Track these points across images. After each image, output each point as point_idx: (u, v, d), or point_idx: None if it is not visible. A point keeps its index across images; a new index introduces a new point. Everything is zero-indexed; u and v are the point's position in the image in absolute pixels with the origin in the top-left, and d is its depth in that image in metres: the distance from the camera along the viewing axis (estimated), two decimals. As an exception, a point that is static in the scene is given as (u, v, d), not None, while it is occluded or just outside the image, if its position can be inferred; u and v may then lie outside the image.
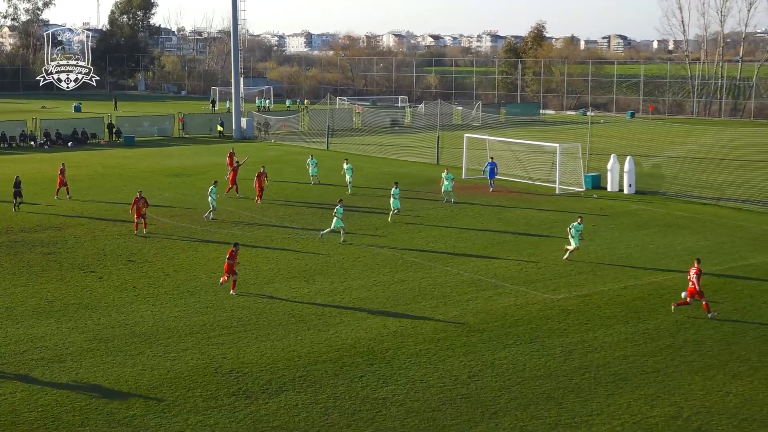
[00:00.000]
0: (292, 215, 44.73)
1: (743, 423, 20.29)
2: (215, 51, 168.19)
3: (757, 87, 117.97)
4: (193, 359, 24.13)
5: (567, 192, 52.57)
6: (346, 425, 20.04)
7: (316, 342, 25.57)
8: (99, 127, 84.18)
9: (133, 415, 20.48)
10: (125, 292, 30.67)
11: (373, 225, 42.22)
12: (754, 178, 58.11)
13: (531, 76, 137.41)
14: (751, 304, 29.55)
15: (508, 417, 20.53)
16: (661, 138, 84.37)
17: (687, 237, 40.02)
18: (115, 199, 48.94)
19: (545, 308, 28.98)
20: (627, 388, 22.34)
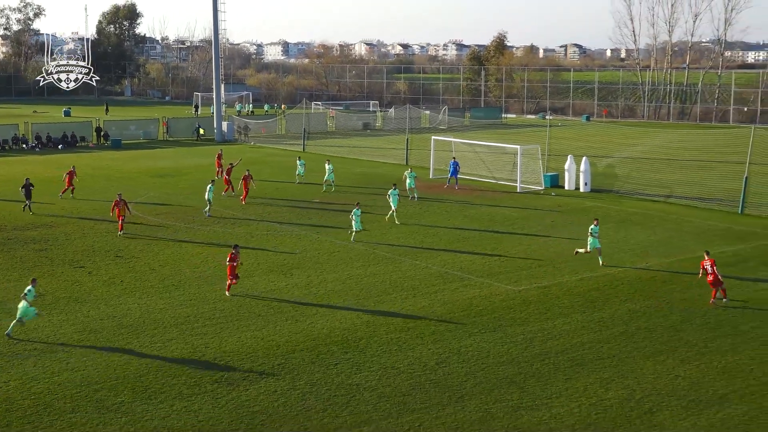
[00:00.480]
0: (270, 213, 44.61)
1: (691, 404, 20.48)
2: (197, 59, 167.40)
3: (702, 92, 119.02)
4: (178, 348, 24.03)
5: (527, 190, 52.79)
6: (322, 409, 20.03)
7: (293, 332, 25.54)
8: (87, 131, 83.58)
9: (121, 402, 20.37)
10: (113, 286, 30.49)
11: (347, 222, 42.14)
12: (700, 177, 58.61)
13: (493, 82, 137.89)
14: (698, 294, 29.78)
15: (473, 400, 20.60)
16: (614, 140, 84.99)
17: (639, 232, 40.31)
18: (104, 199, 48.50)
19: (508, 299, 29.09)
20: (583, 372, 22.48)
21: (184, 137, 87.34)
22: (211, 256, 34.73)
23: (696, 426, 19.33)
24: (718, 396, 20.99)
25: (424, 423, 19.38)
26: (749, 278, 31.87)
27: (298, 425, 19.24)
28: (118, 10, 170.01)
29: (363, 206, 39.74)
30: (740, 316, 27.33)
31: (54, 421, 19.37)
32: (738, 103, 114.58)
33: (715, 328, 26.14)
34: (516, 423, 19.41)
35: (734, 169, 58.80)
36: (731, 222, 42.82)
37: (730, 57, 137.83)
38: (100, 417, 19.58)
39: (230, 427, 19.12)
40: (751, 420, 19.65)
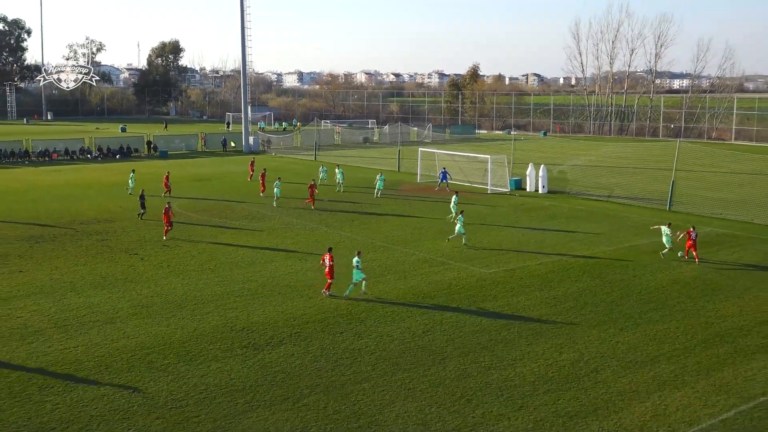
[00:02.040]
0: (289, 211, 44.50)
1: (628, 365, 20.49)
2: (229, 85, 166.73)
3: (637, 113, 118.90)
4: (214, 320, 23.99)
5: (496, 192, 52.75)
6: (330, 369, 20.01)
7: (307, 306, 25.50)
8: (140, 144, 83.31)
9: (168, 363, 20.34)
10: (161, 270, 30.41)
11: (350, 218, 42.11)
12: (635, 181, 58.62)
13: (469, 104, 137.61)
14: (634, 275, 29.81)
15: (453, 362, 20.59)
16: (566, 151, 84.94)
17: (585, 225, 40.30)
18: (154, 199, 48.43)
19: (480, 280, 29.07)
20: (542, 339, 22.48)
21: (218, 149, 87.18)
22: (240, 246, 34.64)
23: (632, 382, 19.33)
24: (651, 358, 21.00)
25: (413, 380, 19.36)
26: (674, 263, 31.87)
27: (311, 382, 19.21)
28: (164, 46, 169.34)
29: (362, 204, 39.59)
30: (668, 293, 27.34)
31: (113, 378, 19.34)
32: (666, 121, 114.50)
33: (648, 302, 26.14)
34: (487, 380, 19.40)
35: (663, 175, 58.90)
36: (661, 217, 42.79)
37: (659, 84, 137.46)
38: (150, 375, 19.55)
39: (256, 384, 19.08)
40: (676, 377, 19.67)
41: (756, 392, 18.73)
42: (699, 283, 28.60)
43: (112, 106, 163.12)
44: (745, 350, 21.62)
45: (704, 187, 55.17)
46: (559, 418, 17.32)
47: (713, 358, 21.01)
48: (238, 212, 43.56)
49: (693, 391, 18.81)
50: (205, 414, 17.43)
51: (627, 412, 17.63)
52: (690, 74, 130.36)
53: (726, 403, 18.13)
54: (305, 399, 18.23)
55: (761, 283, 28.73)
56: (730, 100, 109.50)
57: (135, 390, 18.66)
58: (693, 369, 20.19)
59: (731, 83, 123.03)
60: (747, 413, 17.61)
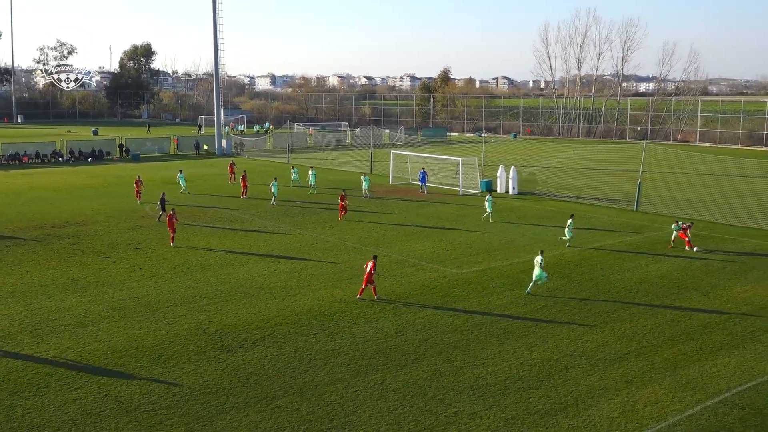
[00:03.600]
0: (262, 212, 44.27)
1: (597, 362, 20.66)
2: (201, 88, 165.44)
3: (605, 115, 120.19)
4: (187, 323, 23.77)
5: (467, 193, 52.94)
6: (304, 370, 19.92)
7: (280, 308, 25.37)
8: (112, 147, 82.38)
9: (140, 366, 20.12)
10: (133, 273, 30.09)
11: (323, 219, 42.01)
12: (603, 183, 59.21)
13: (440, 107, 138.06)
14: (602, 274, 30.08)
15: (425, 362, 20.60)
16: (535, 153, 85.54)
17: (555, 225, 40.55)
18: (125, 201, 47.99)
19: (452, 280, 29.14)
20: (513, 338, 22.58)
21: (191, 152, 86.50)
22: (213, 248, 34.39)
23: (602, 379, 19.49)
24: (619, 355, 21.19)
25: (386, 380, 19.34)
26: (641, 262, 32.22)
27: (285, 383, 19.11)
28: (136, 49, 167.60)
29: (335, 206, 39.43)
30: (635, 292, 27.63)
31: (85, 382, 19.08)
32: (633, 123, 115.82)
33: (616, 302, 26.39)
34: (460, 379, 19.44)
35: (630, 176, 59.53)
36: (628, 218, 43.27)
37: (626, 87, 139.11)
38: (123, 378, 19.31)
39: (229, 386, 18.94)
40: (644, 374, 19.88)
41: (721, 388, 18.99)
42: (665, 282, 28.94)
43: (84, 109, 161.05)
44: (710, 347, 21.91)
45: (670, 187, 55.87)
46: (530, 416, 17.40)
47: (679, 355, 21.26)
48: (211, 215, 43.23)
49: (660, 387, 19.01)
50: (178, 417, 17.26)
51: (596, 409, 17.77)
52: (656, 78, 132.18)
53: (692, 399, 18.35)
54: (279, 400, 18.13)
55: (725, 281, 29.15)
56: (694, 103, 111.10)
57: (107, 394, 18.42)
58: (660, 366, 20.41)
59: (696, 86, 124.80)
60: (712, 408, 17.84)
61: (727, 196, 52.13)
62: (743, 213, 44.77)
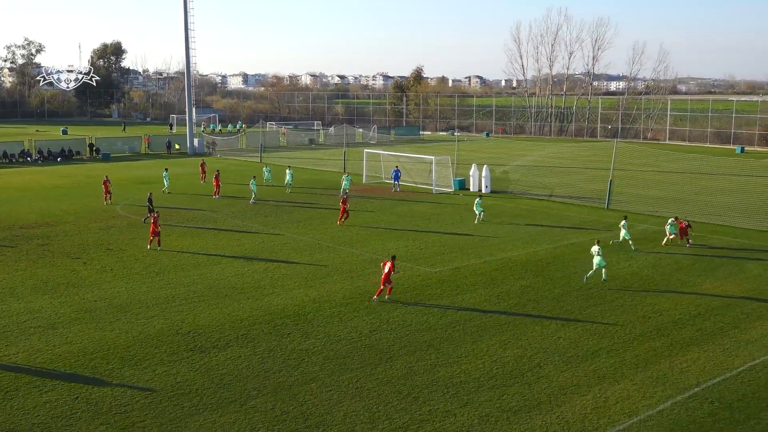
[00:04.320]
0: (235, 212, 44.03)
1: (571, 359, 20.83)
2: (173, 87, 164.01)
3: (576, 114, 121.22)
4: (159, 324, 23.57)
5: (441, 192, 53.09)
6: (278, 370, 19.85)
7: (254, 308, 25.26)
8: (82, 146, 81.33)
9: (112, 368, 19.91)
10: (105, 273, 29.76)
11: (296, 219, 41.87)
12: (575, 181, 59.70)
13: (413, 106, 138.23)
14: (574, 271, 30.33)
15: (399, 360, 20.63)
16: (508, 151, 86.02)
17: (528, 224, 40.83)
18: (96, 201, 47.45)
19: (426, 278, 29.20)
20: (486, 336, 22.69)
21: (162, 151, 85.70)
22: (185, 248, 34.13)
23: (574, 376, 19.66)
24: (591, 352, 21.39)
25: (361, 379, 19.34)
26: (613, 260, 32.52)
27: (259, 383, 19.03)
28: (106, 47, 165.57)
29: (309, 205, 39.23)
30: (607, 289, 27.90)
31: (56, 385, 18.84)
32: (603, 122, 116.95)
33: (588, 298, 26.63)
34: (434, 377, 19.49)
35: (601, 174, 60.09)
36: (599, 215, 43.69)
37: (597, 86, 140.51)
38: (94, 380, 19.09)
39: (203, 387, 18.81)
40: (616, 370, 20.08)
41: (690, 383, 19.25)
42: (636, 279, 29.26)
43: (53, 109, 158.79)
44: (680, 343, 22.20)
45: (640, 185, 56.49)
46: (503, 413, 17.51)
47: (650, 351, 21.51)
48: (183, 215, 42.89)
49: (632, 383, 19.23)
50: (150, 419, 17.10)
51: (569, 405, 17.92)
52: (626, 77, 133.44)
53: (663, 394, 18.58)
54: (253, 401, 18.05)
55: (695, 277, 29.54)
56: (664, 102, 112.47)
57: (78, 396, 18.20)
58: (631, 362, 20.64)
59: (665, 85, 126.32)
60: (683, 403, 18.08)
61: (697, 193, 52.85)
62: (712, 210, 45.42)
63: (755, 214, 43.83)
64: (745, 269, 30.97)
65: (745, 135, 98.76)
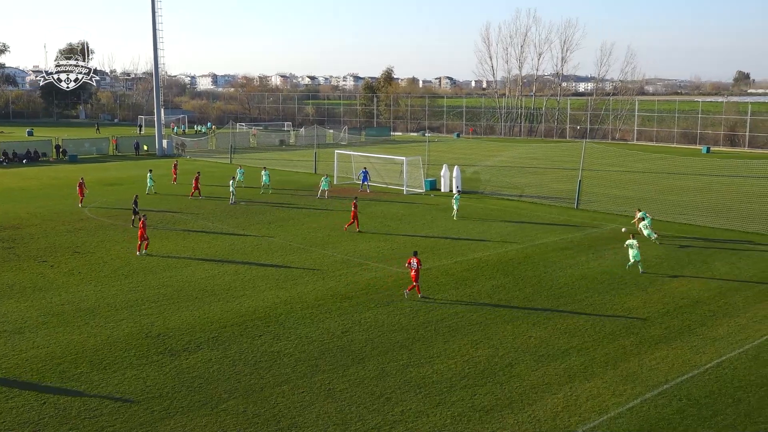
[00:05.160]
0: (206, 214, 43.68)
1: (541, 358, 20.98)
2: (141, 88, 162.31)
3: (546, 115, 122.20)
4: (128, 327, 23.31)
5: (412, 192, 53.18)
6: (249, 373, 19.74)
7: (225, 310, 25.09)
8: (48, 148, 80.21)
9: (80, 373, 19.64)
10: (72, 277, 29.37)
11: (267, 220, 41.68)
12: (545, 181, 60.16)
13: (383, 107, 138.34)
14: (545, 271, 30.56)
15: (371, 361, 20.62)
16: (479, 152, 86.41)
17: (498, 224, 41.06)
18: (63, 204, 46.80)
19: (398, 279, 29.22)
20: (458, 336, 22.77)
21: (130, 153, 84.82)
22: (154, 251, 33.80)
23: (545, 375, 19.79)
24: (562, 351, 21.56)
25: (333, 381, 19.30)
26: (582, 259, 32.84)
27: (230, 386, 18.90)
28: (72, 47, 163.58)
29: (281, 206, 39.06)
30: (577, 288, 28.15)
31: (23, 390, 18.53)
32: (572, 122, 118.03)
33: (558, 297, 26.85)
34: (406, 378, 19.52)
35: (570, 174, 60.62)
36: (569, 215, 44.07)
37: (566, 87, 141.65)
38: (62, 385, 18.83)
39: (173, 390, 18.64)
40: (586, 368, 20.26)
41: (659, 380, 19.49)
42: (606, 278, 29.56)
43: (18, 109, 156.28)
44: (649, 341, 22.47)
45: (608, 185, 57.09)
46: (476, 412, 17.58)
47: (620, 349, 21.75)
48: (153, 217, 42.41)
49: (602, 381, 19.42)
50: (120, 423, 16.90)
51: (540, 404, 18.05)
52: (594, 78, 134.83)
53: (633, 392, 18.79)
54: (224, 404, 17.92)
55: (663, 276, 29.92)
56: (631, 103, 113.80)
57: (46, 401, 17.93)
58: (601, 360, 20.84)
59: (633, 86, 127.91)
60: (652, 401, 18.30)
61: (664, 192, 53.55)
62: (680, 209, 46.05)
63: (721, 213, 44.53)
64: (712, 267, 31.45)
65: (711, 135, 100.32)
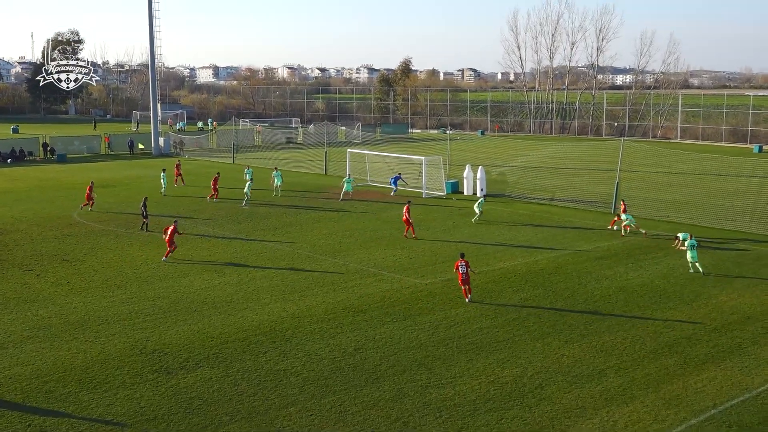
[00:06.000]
0: (205, 219, 43.84)
1: (575, 379, 20.86)
2: (136, 81, 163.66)
3: (579, 110, 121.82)
4: (121, 342, 23.42)
5: (431, 195, 53.14)
6: (253, 393, 19.76)
7: (226, 324, 25.15)
8: (35, 146, 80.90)
9: (69, 392, 19.74)
10: (60, 287, 29.55)
11: (273, 225, 41.79)
12: (578, 183, 59.96)
13: (400, 101, 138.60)
14: (579, 283, 30.41)
15: (387, 381, 20.58)
16: (505, 151, 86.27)
17: (527, 230, 40.94)
18: (51, 207, 47.15)
19: (416, 291, 29.19)
20: (482, 354, 22.69)
21: (124, 152, 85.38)
22: (149, 259, 33.98)
23: (579, 397, 19.68)
24: (598, 371, 21.43)
25: (345, 403, 19.28)
26: (620, 269, 32.64)
27: (232, 408, 18.93)
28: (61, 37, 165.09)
29: (288, 210, 39.09)
30: (614, 302, 27.98)
31: (5, 411, 18.65)
32: (609, 119, 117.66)
33: (594, 313, 26.70)
34: (425, 400, 19.46)
35: (607, 175, 60.34)
36: (605, 221, 43.82)
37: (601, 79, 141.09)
38: (49, 406, 18.93)
39: (170, 412, 18.69)
40: (624, 391, 20.11)
41: (707, 405, 19.31)
42: (646, 291, 29.37)
43: (2, 105, 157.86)
44: (695, 360, 22.28)
45: (649, 188, 56.79)
46: (502, 439, 17.49)
47: (662, 369, 21.58)
48: (148, 221, 42.60)
49: (642, 405, 19.27)
50: (111, 448, 16.96)
51: (574, 430, 17.93)
52: (633, 69, 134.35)
53: (676, 417, 18.63)
54: (225, 427, 17.95)
55: (711, 289, 29.69)
56: (674, 97, 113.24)
57: (31, 423, 18.03)
58: (642, 382, 20.69)
59: (676, 79, 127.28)
60: (697, 427, 18.13)
61: (711, 196, 53.17)
62: (728, 215, 45.69)
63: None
64: (765, 280, 31.16)
65: (763, 133, 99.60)
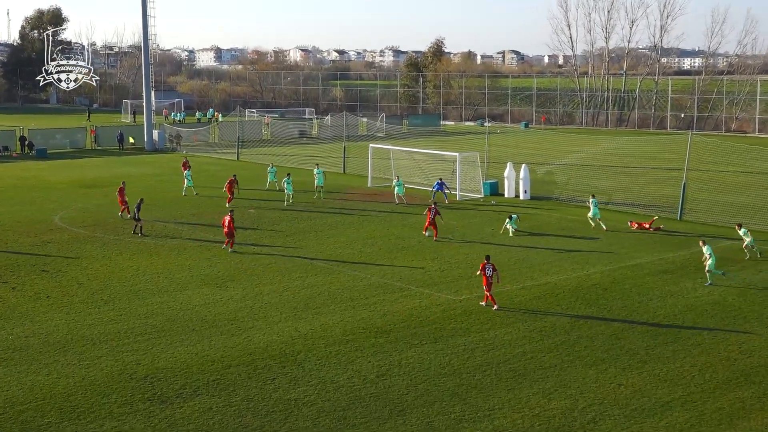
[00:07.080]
0: (210, 222, 44.08)
1: (634, 413, 20.70)
2: (126, 65, 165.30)
3: (640, 99, 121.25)
4: (108, 366, 23.56)
5: (467, 198, 53.06)
6: (259, 426, 19.79)
7: (229, 346, 25.23)
8: (11, 140, 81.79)
9: (48, 423, 19.88)
10: (39, 302, 29.81)
11: (285, 231, 41.91)
12: (638, 184, 59.59)
13: (431, 89, 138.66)
14: (639, 300, 30.21)
15: (415, 414, 20.55)
16: (553, 147, 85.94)
17: (578, 239, 40.73)
18: (29, 210, 47.62)
19: (448, 309, 29.13)
20: (526, 383, 22.59)
21: (113, 146, 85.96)
22: (141, 270, 34.20)
23: (639, 435, 19.54)
24: (661, 404, 21.26)
25: (365, 438, 19.28)
26: (687, 285, 32.39)
27: (235, 443, 18.98)
28: (42, 15, 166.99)
29: (300, 214, 39.10)
30: (681, 323, 27.77)
31: (-24, 444, 18.83)
32: (675, 109, 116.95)
33: (656, 335, 26.51)
34: (458, 436, 19.42)
35: (671, 176, 59.94)
36: (671, 228, 43.53)
37: (666, 63, 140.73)
38: (25, 439, 19.09)
39: (163, 447, 18.79)
40: (692, 427, 19.93)
41: (790, 444, 19.11)
42: (719, 311, 29.12)
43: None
44: (775, 392, 22.07)
45: (722, 190, 56.30)
46: (548, 482, 17.40)
47: (737, 402, 21.38)
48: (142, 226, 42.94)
49: (713, 444, 19.11)
50: (96, 487, 17.06)
51: (633, 472, 17.80)
52: (703, 52, 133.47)
53: (754, 458, 18.45)
54: (227, 465, 18.00)
55: (793, 308, 29.40)
56: (752, 84, 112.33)
57: (5, 458, 18.20)
58: (713, 417, 20.50)
59: (753, 63, 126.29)
60: (779, 471, 17.94)
61: (795, 200, 52.62)
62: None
63: None
64: None
65: None
